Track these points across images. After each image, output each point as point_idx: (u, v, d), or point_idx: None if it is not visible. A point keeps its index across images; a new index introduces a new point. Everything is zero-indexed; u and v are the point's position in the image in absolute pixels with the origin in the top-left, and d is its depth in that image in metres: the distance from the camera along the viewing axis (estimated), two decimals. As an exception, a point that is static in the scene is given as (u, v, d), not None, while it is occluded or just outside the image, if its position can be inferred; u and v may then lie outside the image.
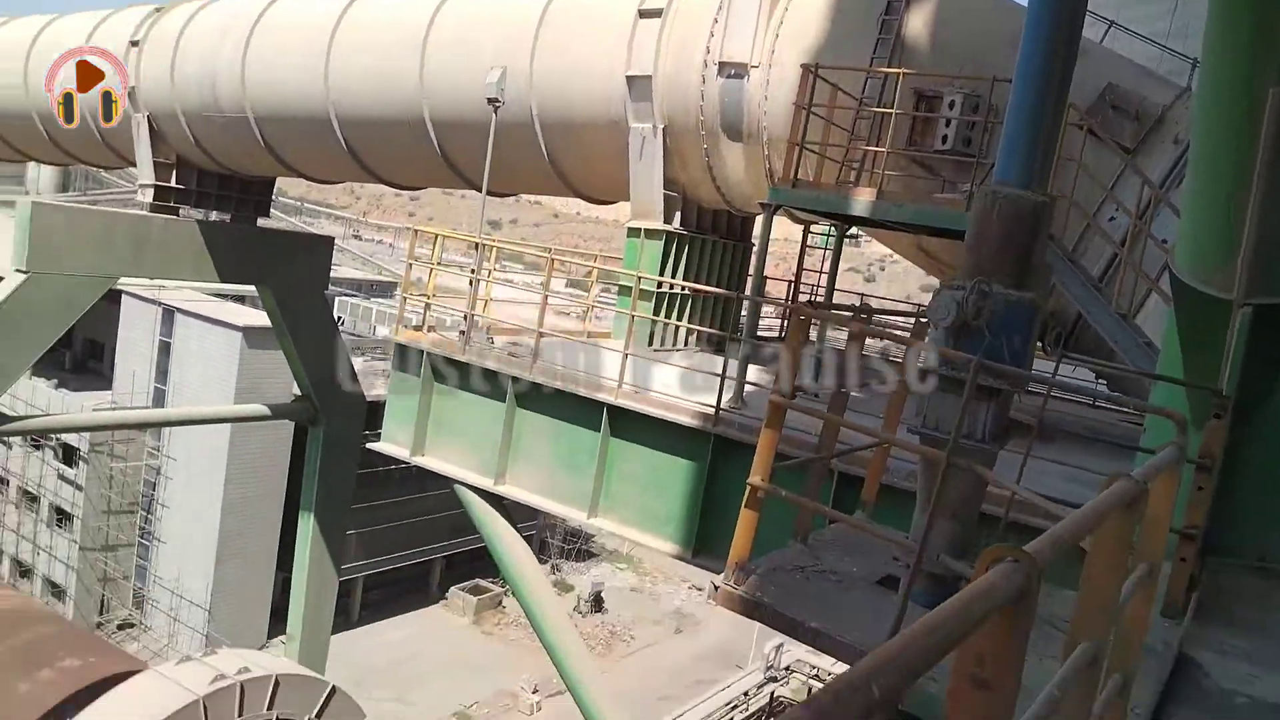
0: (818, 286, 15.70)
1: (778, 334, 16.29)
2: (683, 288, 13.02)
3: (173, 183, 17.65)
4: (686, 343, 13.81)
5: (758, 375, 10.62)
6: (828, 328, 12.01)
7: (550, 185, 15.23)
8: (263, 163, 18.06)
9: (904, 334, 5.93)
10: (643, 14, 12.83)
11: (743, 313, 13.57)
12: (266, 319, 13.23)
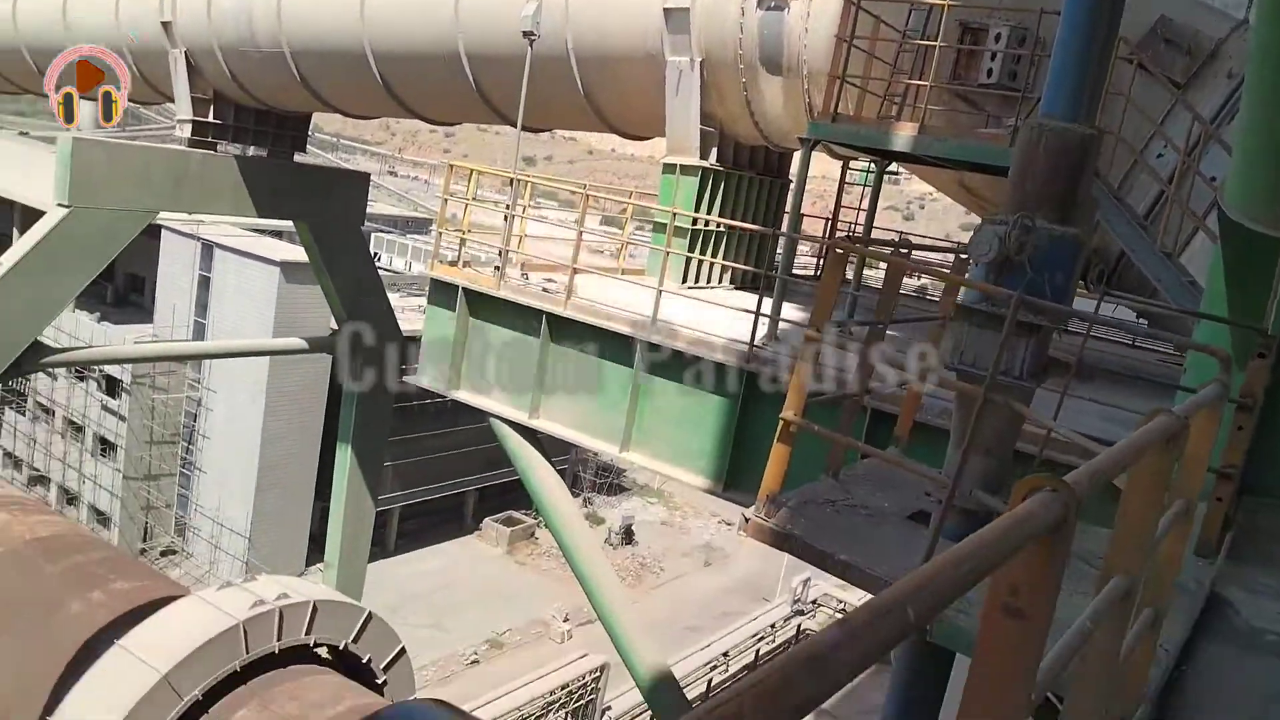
0: (855, 224, 15.50)
1: (813, 273, 16.16)
2: (718, 225, 12.91)
3: (210, 118, 17.67)
4: (721, 280, 13.74)
5: (792, 313, 10.57)
6: (864, 265, 11.89)
7: (585, 120, 15.08)
8: (298, 98, 18.02)
9: (943, 269, 5.87)
10: (681, -56, 12.58)
11: (778, 250, 13.47)
12: (304, 254, 13.30)
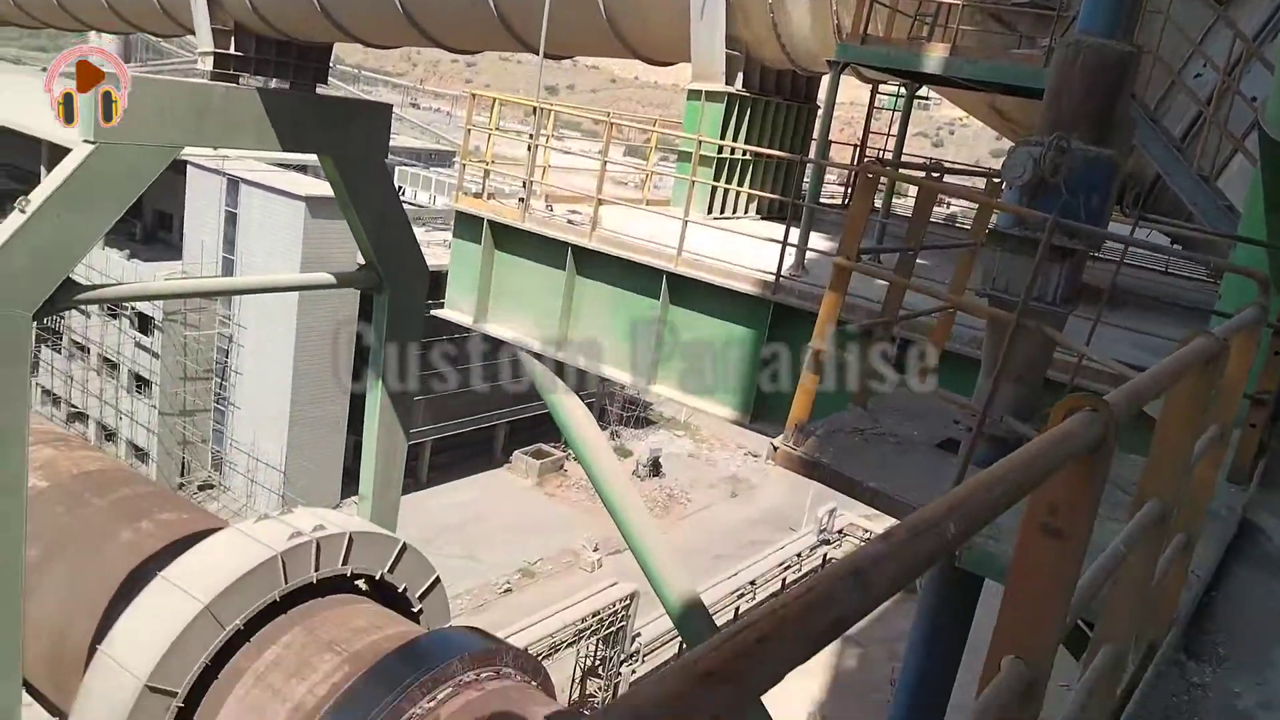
0: (884, 150, 15.23)
1: (841, 201, 15.96)
2: (744, 152, 12.73)
3: (232, 50, 17.54)
4: (747, 210, 13.59)
5: (820, 242, 10.46)
6: (893, 192, 11.72)
7: (608, 46, 14.83)
8: (319, 27, 17.83)
9: (976, 193, 5.77)
10: None
11: (805, 178, 13.28)
12: (329, 189, 13.27)
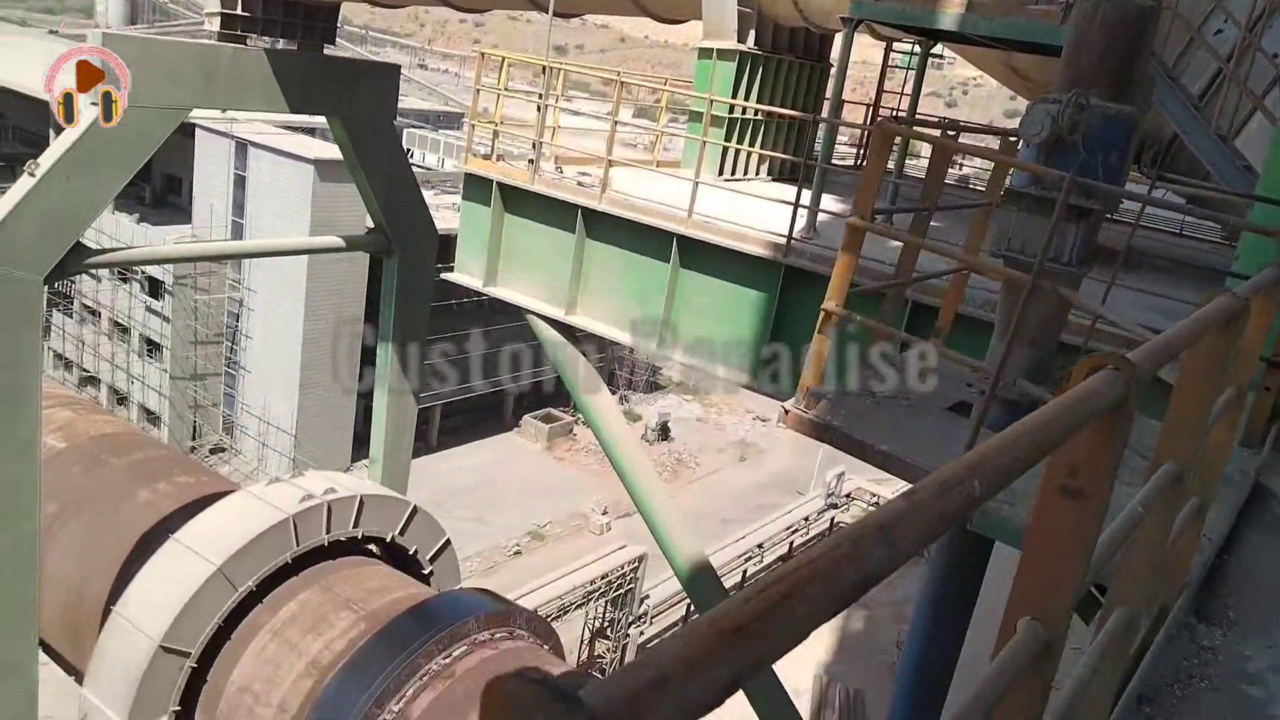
0: (898, 109, 15.04)
1: (853, 163, 15.80)
2: (756, 112, 12.58)
3: (238, 10, 17.35)
4: (758, 171, 13.47)
5: (832, 204, 10.36)
6: (906, 153, 11.58)
7: (618, 4, 14.61)
8: (324, -14, 17.63)
9: (992, 152, 5.69)
10: None
11: (817, 139, 13.14)
12: (337, 152, 13.20)
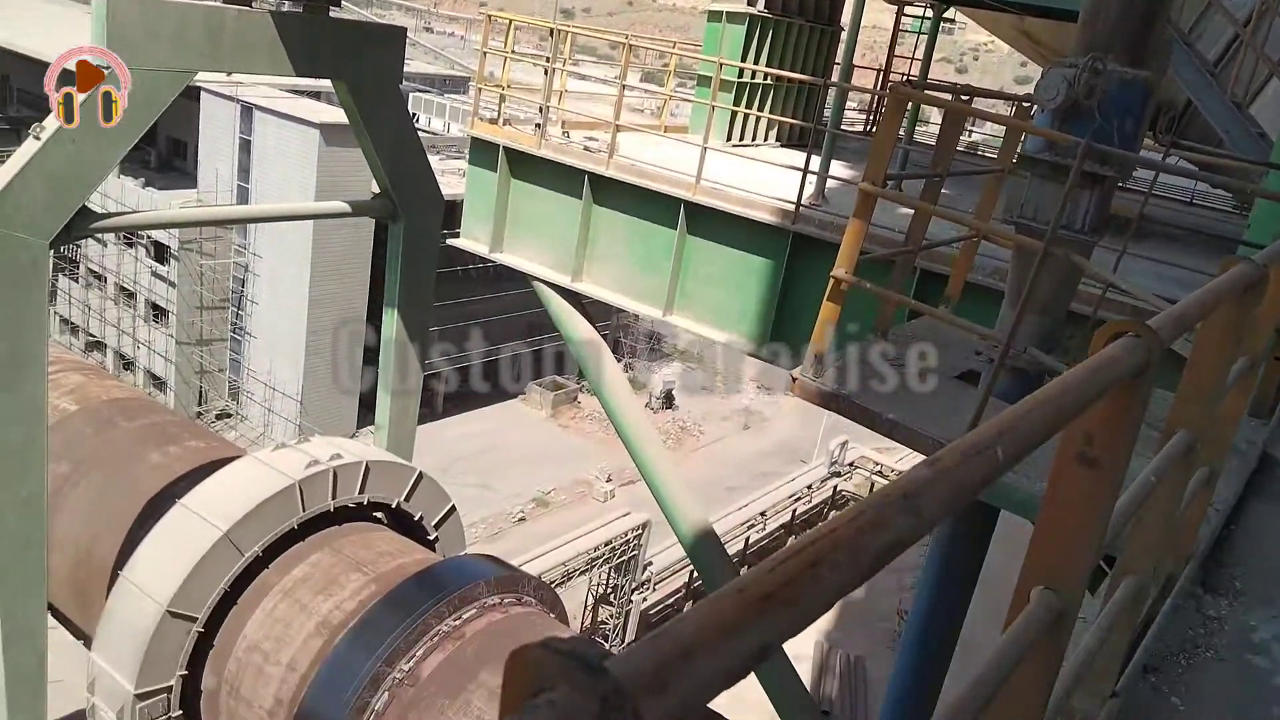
0: (908, 75, 14.88)
1: (862, 128, 15.66)
2: (765, 76, 12.44)
3: (240, -29, 17.17)
4: (767, 137, 13.35)
5: (840, 170, 10.28)
6: (916, 119, 11.47)
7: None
8: (328, -52, 17.43)
9: (1006, 117, 5.62)
10: None
11: (827, 103, 13.01)
12: (342, 116, 13.09)
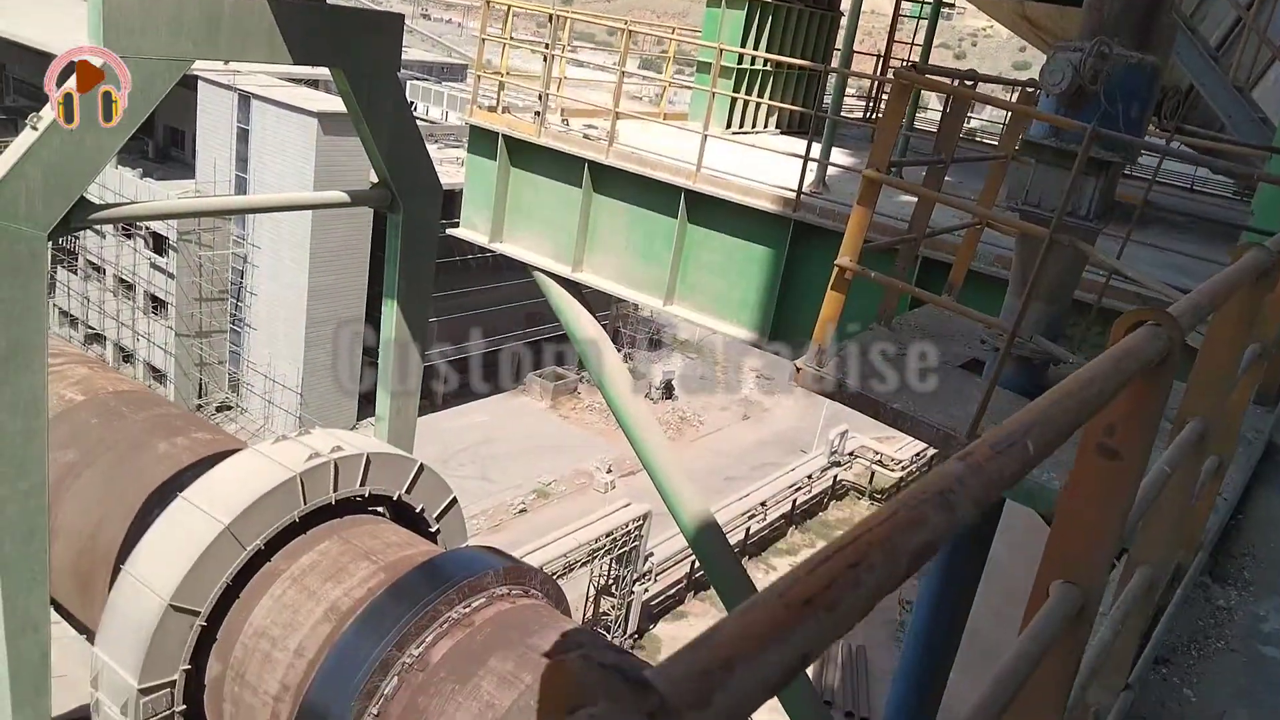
0: (908, 61, 14.80)
1: (862, 115, 15.59)
2: (765, 63, 12.36)
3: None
4: (767, 124, 13.28)
5: (841, 157, 10.23)
6: (917, 106, 11.40)
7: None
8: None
9: (1011, 102, 5.57)
10: None
11: (828, 90, 12.94)
12: (340, 105, 13.04)
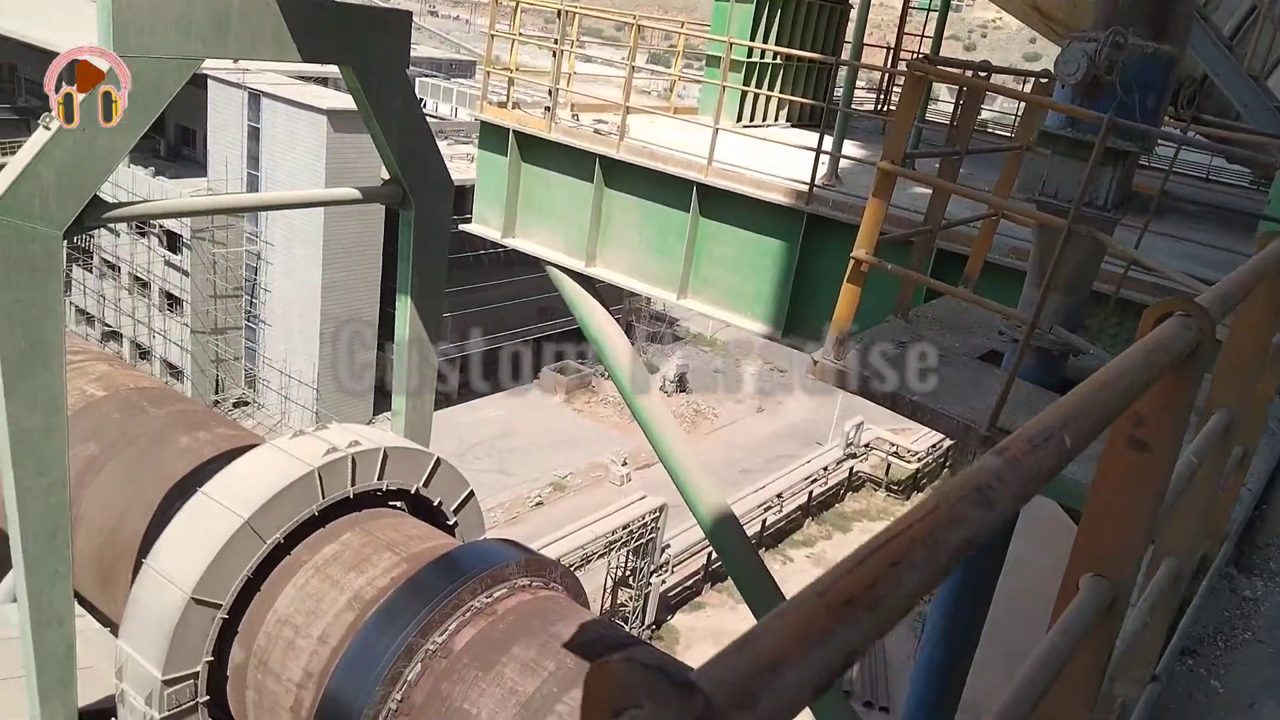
0: (919, 53, 14.72)
1: (873, 107, 15.52)
2: (775, 56, 12.32)
3: (245, -41, 17.10)
4: (777, 117, 13.25)
5: (853, 150, 10.18)
6: (929, 98, 11.34)
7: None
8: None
9: (1027, 94, 5.54)
10: None
11: (839, 82, 12.89)
12: (350, 102, 13.05)
